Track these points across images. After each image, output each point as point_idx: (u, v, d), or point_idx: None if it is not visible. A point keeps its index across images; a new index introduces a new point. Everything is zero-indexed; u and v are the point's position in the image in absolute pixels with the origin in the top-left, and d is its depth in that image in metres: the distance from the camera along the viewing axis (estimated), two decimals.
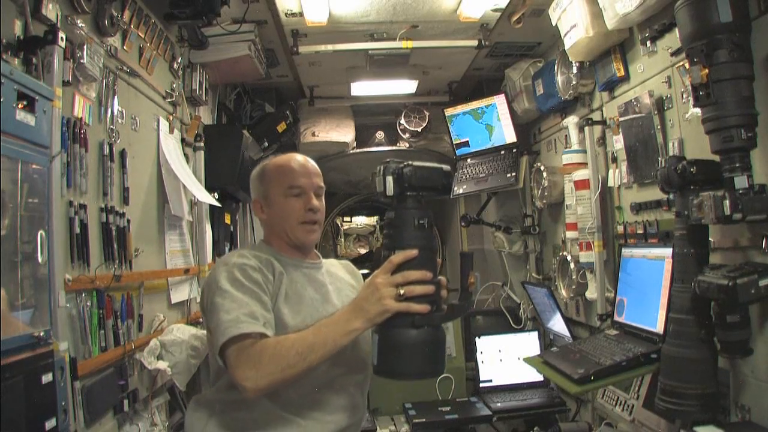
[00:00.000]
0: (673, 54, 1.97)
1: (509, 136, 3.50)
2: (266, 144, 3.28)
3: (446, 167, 1.36)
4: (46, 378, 1.33)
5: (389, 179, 1.32)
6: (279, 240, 1.58)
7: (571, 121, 2.79)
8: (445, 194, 1.39)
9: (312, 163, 1.62)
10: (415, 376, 1.38)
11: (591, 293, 2.66)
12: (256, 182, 1.63)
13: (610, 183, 2.52)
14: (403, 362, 1.30)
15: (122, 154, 1.92)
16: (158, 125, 2.28)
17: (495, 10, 2.71)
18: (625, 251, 2.28)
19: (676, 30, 1.72)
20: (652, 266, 2.06)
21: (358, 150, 3.91)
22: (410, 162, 1.32)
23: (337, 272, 1.68)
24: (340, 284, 1.63)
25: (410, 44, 3.02)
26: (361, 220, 7.32)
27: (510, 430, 3.40)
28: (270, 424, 1.38)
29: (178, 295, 2.38)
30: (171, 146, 2.36)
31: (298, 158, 1.62)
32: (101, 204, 1.78)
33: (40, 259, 1.35)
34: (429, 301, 1.28)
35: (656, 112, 2.11)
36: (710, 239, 1.74)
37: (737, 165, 1.51)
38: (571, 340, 2.84)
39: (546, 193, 3.08)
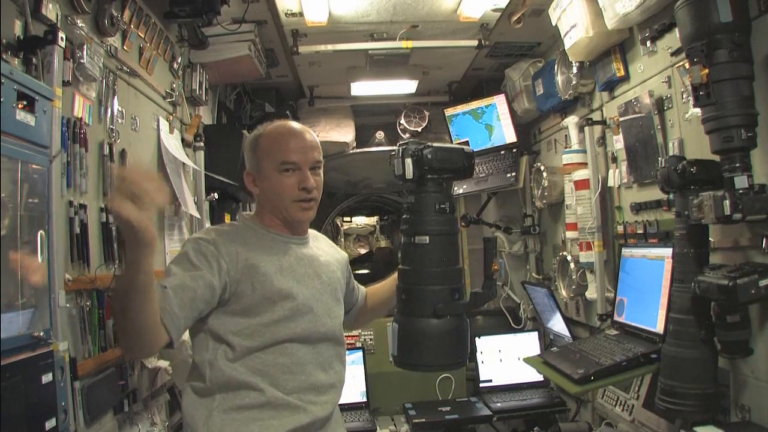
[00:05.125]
0: (673, 54, 1.97)
1: (509, 136, 3.50)
2: None
3: (468, 148, 1.31)
4: (46, 378, 1.33)
5: (408, 162, 1.25)
6: (271, 216, 1.54)
7: (571, 121, 2.79)
8: (466, 176, 1.33)
9: (310, 136, 1.54)
10: (438, 367, 1.32)
11: (591, 293, 2.66)
12: (249, 153, 1.55)
13: (610, 183, 2.52)
14: (425, 353, 1.24)
15: (122, 154, 1.92)
16: (158, 125, 2.28)
17: (495, 10, 2.71)
18: (625, 251, 2.28)
19: (676, 30, 1.71)
20: (652, 266, 2.06)
21: (358, 150, 3.91)
22: (430, 143, 1.26)
23: (322, 245, 1.67)
24: (328, 258, 1.63)
25: (410, 44, 3.02)
26: (361, 220, 7.33)
27: (510, 430, 3.40)
28: (278, 409, 1.39)
29: None
30: (173, 145, 2.36)
31: (295, 130, 1.53)
32: (101, 204, 1.78)
33: (40, 259, 1.35)
34: (452, 288, 1.25)
35: (656, 112, 2.11)
36: (710, 239, 1.74)
37: (737, 165, 1.51)
38: (571, 340, 2.84)
39: (546, 193, 3.08)
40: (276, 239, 1.53)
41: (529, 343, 3.37)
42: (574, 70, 2.66)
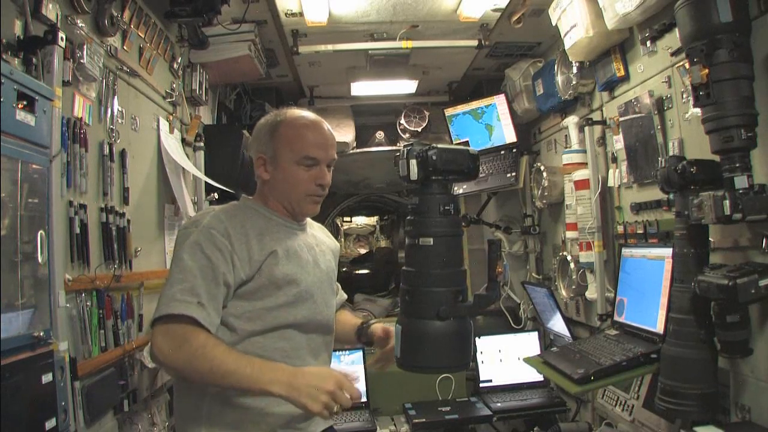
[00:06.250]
0: (673, 54, 1.97)
1: (509, 136, 3.50)
2: None
3: (473, 150, 1.30)
4: (46, 378, 1.33)
5: (413, 163, 1.25)
6: (276, 203, 1.52)
7: (571, 121, 2.79)
8: (471, 178, 1.33)
9: (329, 132, 1.52)
10: (440, 369, 1.34)
11: (591, 293, 2.66)
12: (265, 136, 1.50)
13: (610, 183, 2.52)
14: (428, 355, 1.24)
15: (122, 154, 1.92)
16: (158, 125, 2.28)
17: (495, 10, 2.71)
18: (625, 251, 2.28)
19: (676, 30, 1.72)
20: (652, 266, 2.06)
21: (358, 150, 3.91)
22: (435, 144, 1.26)
23: (319, 234, 1.67)
24: (324, 247, 1.62)
25: (410, 44, 3.02)
26: (361, 220, 7.31)
27: (510, 430, 3.40)
28: (269, 398, 1.34)
29: None
30: (173, 145, 2.36)
31: (318, 123, 1.51)
32: (101, 204, 1.78)
33: (40, 259, 1.35)
34: (456, 290, 1.25)
35: (656, 112, 2.11)
36: (710, 239, 1.74)
37: (737, 165, 1.51)
38: (571, 340, 2.84)
39: (546, 193, 3.08)
40: (281, 224, 1.51)
41: (529, 343, 3.37)
42: (574, 70, 2.66)
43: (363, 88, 3.78)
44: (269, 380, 1.23)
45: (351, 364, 3.15)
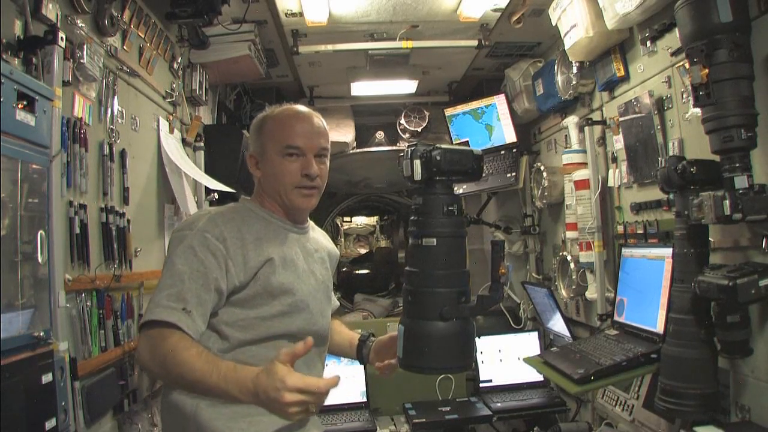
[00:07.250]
0: (673, 54, 1.97)
1: (509, 136, 3.50)
2: None
3: (477, 150, 1.29)
4: (46, 378, 1.33)
5: (417, 163, 1.24)
6: (271, 201, 1.47)
7: (571, 121, 2.79)
8: (475, 179, 1.32)
9: (318, 121, 1.47)
10: (443, 370, 1.33)
11: (591, 293, 2.66)
12: (254, 134, 1.48)
13: (610, 183, 2.52)
14: (430, 356, 1.24)
15: (122, 154, 1.92)
16: (158, 125, 2.28)
17: (495, 10, 2.71)
18: (625, 251, 2.28)
19: (676, 30, 1.72)
20: (652, 266, 2.06)
21: (358, 150, 3.91)
22: (439, 145, 1.25)
23: (318, 237, 1.62)
24: (323, 253, 1.58)
25: (410, 44, 3.02)
26: (361, 220, 7.32)
27: (510, 430, 3.40)
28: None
29: None
30: (172, 145, 2.36)
31: (302, 113, 1.46)
32: (101, 204, 1.78)
33: (40, 259, 1.35)
34: (459, 291, 1.25)
35: (656, 112, 2.12)
36: (710, 239, 1.74)
37: (737, 165, 1.51)
38: (571, 340, 2.84)
39: (546, 193, 3.08)
40: (279, 227, 1.47)
41: (529, 343, 3.37)
42: (574, 70, 2.66)
43: (363, 88, 3.78)
44: (233, 388, 1.14)
45: (351, 364, 3.15)
